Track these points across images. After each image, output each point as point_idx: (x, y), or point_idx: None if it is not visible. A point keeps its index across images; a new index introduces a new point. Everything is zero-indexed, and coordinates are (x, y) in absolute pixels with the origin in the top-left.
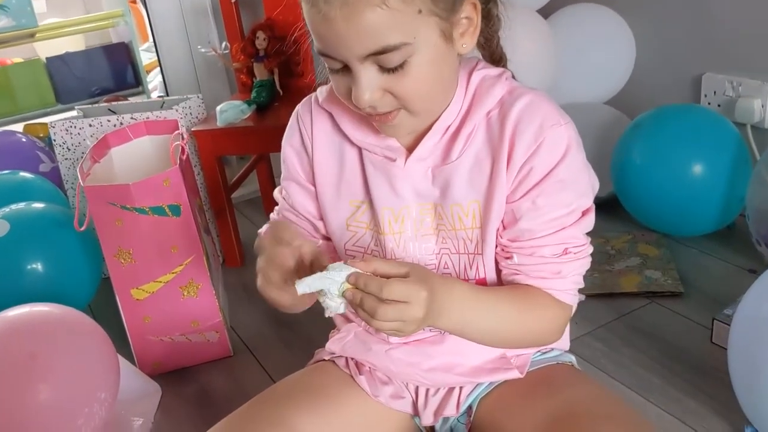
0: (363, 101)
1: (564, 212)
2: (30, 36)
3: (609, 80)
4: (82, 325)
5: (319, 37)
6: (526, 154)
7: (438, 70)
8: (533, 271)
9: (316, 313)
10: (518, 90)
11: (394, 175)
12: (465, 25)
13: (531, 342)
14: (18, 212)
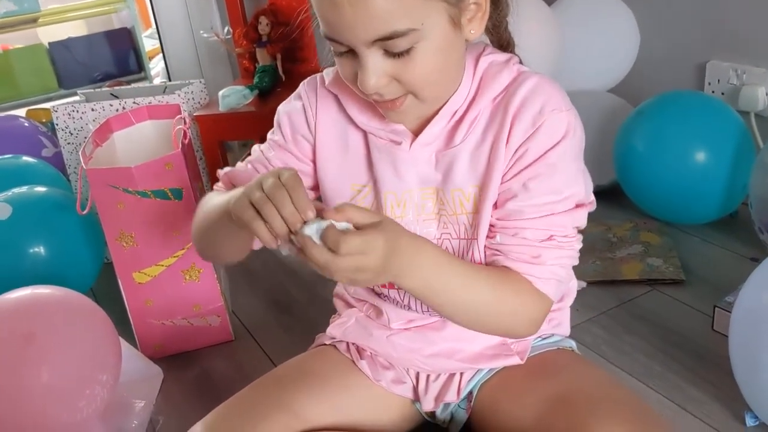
0: (369, 87)
1: (554, 198)
2: (33, 21)
3: (612, 68)
4: (83, 307)
5: (325, 21)
6: (524, 136)
7: (445, 56)
8: (513, 251)
9: (318, 299)
10: (525, 75)
11: (399, 159)
12: (473, 11)
13: (504, 327)
14: (20, 196)
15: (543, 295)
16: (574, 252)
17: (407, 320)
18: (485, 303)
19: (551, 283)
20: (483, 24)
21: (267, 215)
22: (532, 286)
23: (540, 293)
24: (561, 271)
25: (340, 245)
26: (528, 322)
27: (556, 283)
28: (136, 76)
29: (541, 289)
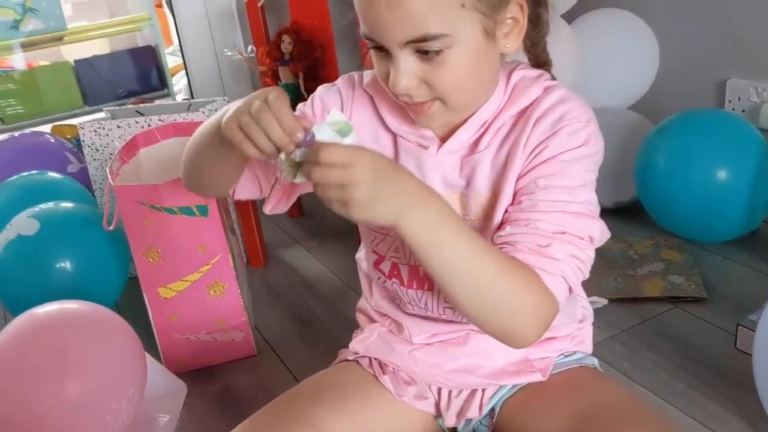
0: (399, 87)
1: (567, 198)
2: (58, 39)
3: (632, 85)
4: (110, 322)
5: (364, 20)
6: (540, 139)
7: (476, 66)
8: (524, 241)
9: (339, 313)
10: (552, 88)
11: (425, 162)
12: (510, 26)
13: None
14: (47, 211)
15: (552, 296)
16: (586, 258)
17: (430, 334)
18: (492, 282)
19: (560, 282)
20: (519, 39)
21: (255, 138)
22: (542, 283)
23: (549, 293)
24: (570, 273)
25: (320, 153)
26: (534, 322)
27: (564, 286)
28: (159, 92)
29: (549, 286)
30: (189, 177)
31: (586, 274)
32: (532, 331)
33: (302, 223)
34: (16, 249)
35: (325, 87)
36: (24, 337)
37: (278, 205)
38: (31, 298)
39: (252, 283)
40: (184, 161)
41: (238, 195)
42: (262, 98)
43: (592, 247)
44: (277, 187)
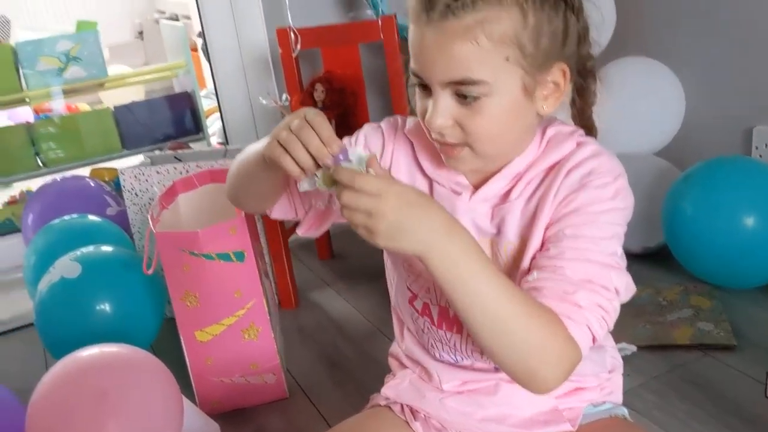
0: (434, 124)
1: (593, 248)
2: (99, 86)
3: (659, 132)
4: (149, 365)
5: (414, 56)
6: (569, 191)
7: (510, 119)
8: (550, 287)
9: (370, 357)
10: (585, 144)
11: (458, 208)
12: (550, 89)
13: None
14: (89, 255)
15: (575, 344)
16: (612, 310)
17: (460, 382)
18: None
19: (584, 331)
20: (557, 103)
21: (293, 150)
22: (567, 331)
23: (573, 341)
24: (595, 323)
25: (356, 180)
26: (557, 368)
27: (588, 336)
28: (195, 136)
29: (574, 334)
30: (232, 192)
31: (610, 325)
32: (554, 376)
33: (333, 265)
34: (58, 291)
35: (370, 126)
36: (67, 380)
37: (311, 230)
38: (72, 339)
39: (283, 324)
40: (230, 177)
41: (275, 215)
42: (301, 116)
43: (618, 300)
44: (312, 213)
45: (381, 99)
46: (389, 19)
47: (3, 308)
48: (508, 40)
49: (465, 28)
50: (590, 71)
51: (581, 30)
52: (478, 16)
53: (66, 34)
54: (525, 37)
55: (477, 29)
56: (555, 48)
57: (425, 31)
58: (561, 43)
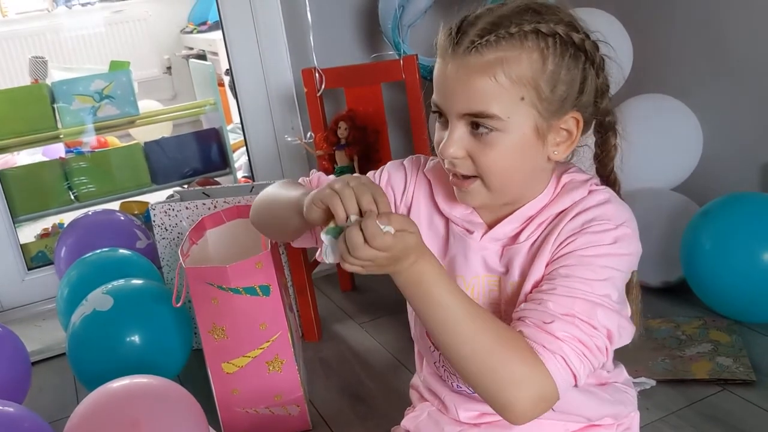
0: (447, 153)
1: (583, 287)
2: (130, 123)
3: (677, 167)
4: (179, 395)
5: (437, 88)
6: (569, 233)
7: (520, 157)
8: (531, 317)
9: (391, 389)
10: (595, 192)
11: (469, 246)
12: (563, 137)
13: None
14: (120, 288)
15: (548, 376)
16: (593, 347)
17: (477, 413)
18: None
19: (559, 363)
20: (568, 150)
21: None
22: (538, 360)
23: (544, 371)
24: (572, 356)
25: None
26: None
27: (565, 369)
28: (222, 171)
29: (547, 365)
30: (257, 222)
31: (593, 364)
32: (520, 404)
33: (355, 297)
34: (91, 323)
35: (393, 164)
36: (100, 410)
37: None
38: (103, 369)
39: (306, 356)
40: (257, 208)
41: (296, 245)
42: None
43: (604, 339)
44: None
45: (402, 136)
46: (411, 59)
47: (36, 338)
48: (525, 81)
49: (486, 64)
50: (611, 126)
51: (602, 86)
52: (499, 55)
53: (100, 74)
54: (542, 81)
55: (497, 67)
56: (571, 97)
57: (450, 64)
58: (577, 93)
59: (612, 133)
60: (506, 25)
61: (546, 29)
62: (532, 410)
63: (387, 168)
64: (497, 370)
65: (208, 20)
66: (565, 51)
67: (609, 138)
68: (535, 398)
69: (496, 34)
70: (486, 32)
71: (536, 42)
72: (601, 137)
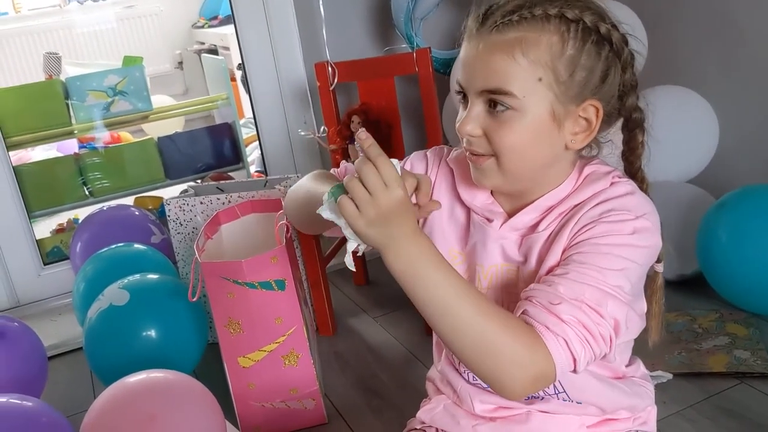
0: (464, 130)
1: (596, 275)
2: (144, 118)
3: (692, 160)
4: (195, 390)
5: (462, 67)
6: (587, 221)
7: (534, 139)
8: (538, 296)
9: (406, 382)
10: (617, 183)
11: (488, 235)
12: (582, 126)
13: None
14: (136, 283)
15: (548, 356)
16: (598, 334)
17: (494, 407)
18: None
19: (561, 345)
20: (586, 140)
21: None
22: (539, 340)
23: (545, 352)
24: (575, 341)
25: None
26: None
27: (566, 352)
28: (235, 166)
29: (548, 345)
30: (293, 218)
31: (595, 352)
32: (518, 384)
33: (369, 291)
34: (107, 318)
35: (417, 153)
36: (117, 404)
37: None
38: (119, 364)
39: (321, 350)
40: (291, 204)
41: (328, 234)
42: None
43: (609, 329)
44: None
45: (416, 130)
46: (424, 52)
47: (52, 333)
48: (543, 62)
49: (505, 43)
50: (638, 123)
51: (629, 81)
52: (519, 35)
53: (113, 69)
54: (561, 65)
55: (516, 46)
56: (591, 84)
57: (474, 42)
58: (598, 81)
59: (639, 131)
60: (532, 7)
61: (571, 15)
62: (526, 390)
63: (411, 158)
64: (488, 344)
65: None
66: (587, 37)
67: (636, 135)
68: (533, 379)
69: (519, 14)
70: (510, 13)
71: (558, 26)
72: (629, 134)
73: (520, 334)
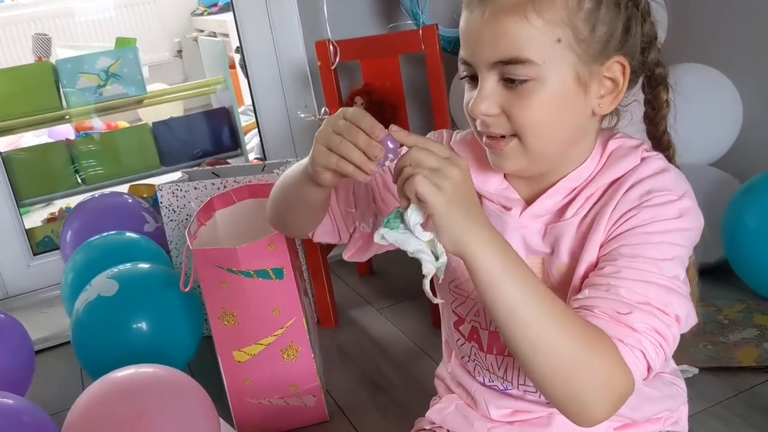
0: (477, 110)
1: (653, 269)
2: (138, 102)
3: (714, 141)
4: (186, 386)
5: (464, 41)
6: (627, 208)
7: (560, 110)
8: (602, 306)
9: (412, 378)
10: (649, 160)
11: (507, 225)
12: (608, 88)
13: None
14: (125, 272)
15: (627, 371)
16: (670, 337)
17: (510, 411)
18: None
19: (638, 357)
20: (615, 103)
21: (347, 153)
22: (618, 355)
23: (625, 367)
24: (650, 350)
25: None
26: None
27: (643, 363)
28: (233, 152)
29: (627, 360)
30: (274, 216)
31: (668, 355)
32: (600, 406)
33: (373, 282)
34: (95, 309)
35: None
36: (101, 402)
37: (357, 254)
38: (108, 357)
39: (323, 344)
40: (271, 201)
41: (317, 238)
42: (340, 116)
43: (678, 328)
44: (356, 236)
45: (422, 112)
46: (430, 29)
47: (42, 325)
48: (560, 20)
49: (515, 3)
50: (661, 80)
51: (649, 33)
52: None
53: (105, 51)
54: (579, 20)
55: (528, 5)
56: (614, 38)
57: (476, 10)
58: (621, 34)
59: (663, 88)
60: None
61: None
62: (609, 411)
63: None
64: (571, 366)
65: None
66: None
67: (660, 93)
68: (615, 399)
69: None
70: None
71: None
72: (652, 92)
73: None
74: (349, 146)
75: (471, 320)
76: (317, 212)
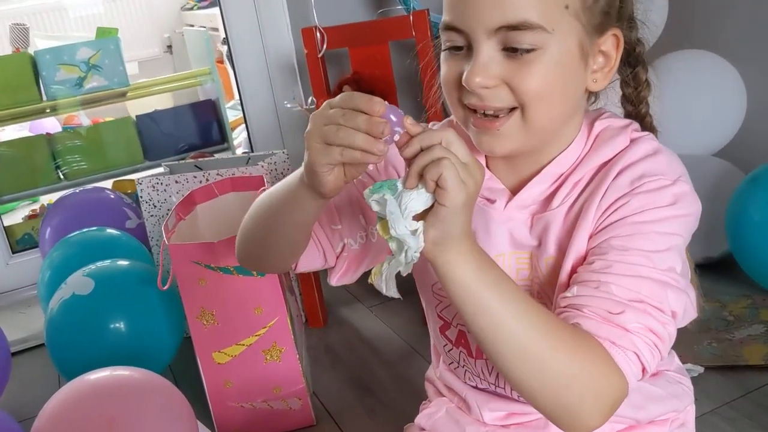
0: (474, 81)
1: (646, 263)
2: (121, 95)
3: (718, 131)
4: (161, 390)
5: (454, 4)
6: (617, 195)
7: (564, 79)
8: (592, 305)
9: (403, 380)
10: (640, 140)
11: (491, 219)
12: (600, 63)
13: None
14: (102, 270)
15: (620, 375)
16: (666, 336)
17: (505, 413)
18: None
19: (631, 359)
20: (607, 80)
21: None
22: (609, 358)
23: (617, 371)
24: (645, 350)
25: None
26: (595, 404)
27: (637, 365)
28: (220, 146)
29: (618, 363)
30: (248, 250)
31: (663, 354)
32: (593, 414)
33: (363, 279)
34: (70, 309)
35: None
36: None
37: (345, 276)
38: (84, 359)
39: (310, 344)
40: (245, 234)
41: (301, 267)
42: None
43: (674, 324)
44: (344, 256)
45: (413, 101)
46: (421, 15)
47: (20, 326)
48: None
49: None
50: (641, 58)
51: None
52: None
53: (86, 41)
54: None
55: None
56: (614, 9)
57: None
58: (618, 7)
59: (642, 67)
60: None
61: None
62: (603, 418)
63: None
64: (561, 374)
65: None
66: None
67: (639, 73)
68: (608, 405)
69: None
70: None
71: None
72: (632, 72)
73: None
74: (349, 131)
75: (458, 324)
76: (306, 235)
